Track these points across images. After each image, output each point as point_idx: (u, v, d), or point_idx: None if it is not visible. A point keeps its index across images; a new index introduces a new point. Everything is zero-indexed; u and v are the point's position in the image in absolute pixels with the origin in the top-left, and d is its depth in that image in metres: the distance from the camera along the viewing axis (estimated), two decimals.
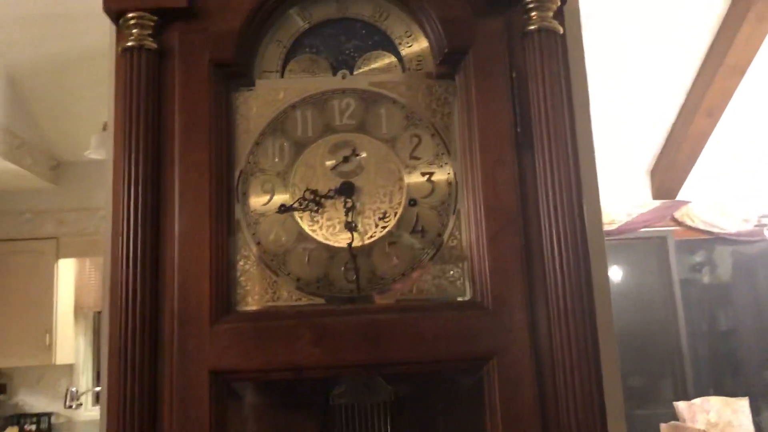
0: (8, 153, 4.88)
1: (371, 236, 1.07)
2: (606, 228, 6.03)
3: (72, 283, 5.85)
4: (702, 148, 5.86)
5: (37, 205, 5.72)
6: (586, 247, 1.03)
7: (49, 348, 5.43)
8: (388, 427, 1.17)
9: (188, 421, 0.97)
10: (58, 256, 5.60)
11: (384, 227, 1.08)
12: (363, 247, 1.07)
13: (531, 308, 1.02)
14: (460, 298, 1.06)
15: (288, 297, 1.06)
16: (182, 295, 1.01)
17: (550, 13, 1.08)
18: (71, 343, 5.77)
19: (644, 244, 6.58)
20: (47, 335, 5.42)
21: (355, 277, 1.06)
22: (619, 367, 1.37)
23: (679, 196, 6.36)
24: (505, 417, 0.98)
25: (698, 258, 6.74)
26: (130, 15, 1.07)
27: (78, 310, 5.91)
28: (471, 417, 1.12)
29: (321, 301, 1.06)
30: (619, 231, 6.09)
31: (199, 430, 0.97)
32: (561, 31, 1.09)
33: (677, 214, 6.38)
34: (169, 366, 0.99)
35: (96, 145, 4.01)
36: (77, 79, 4.70)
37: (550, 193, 1.03)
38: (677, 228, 6.45)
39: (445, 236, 1.08)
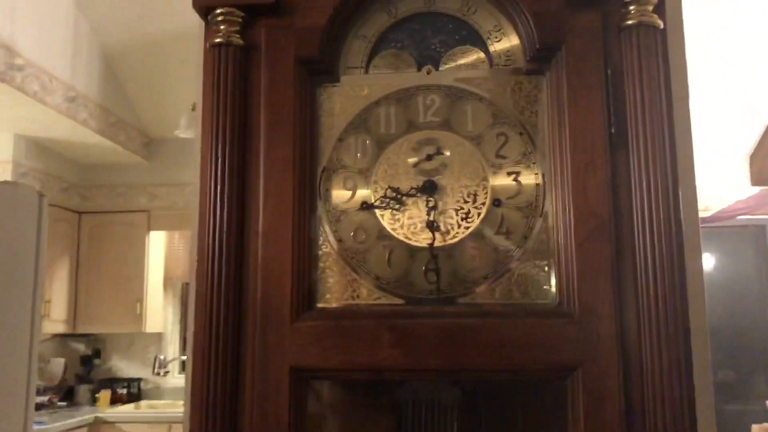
0: (104, 129, 5.10)
1: (454, 236, 1.05)
2: (701, 215, 5.77)
3: (162, 254, 6.09)
4: None
5: (130, 180, 5.96)
6: (682, 253, 0.98)
7: (140, 316, 5.68)
8: (455, 425, 1.16)
9: (267, 416, 0.99)
10: (149, 229, 5.83)
11: (467, 227, 1.05)
12: (444, 248, 1.05)
13: (620, 317, 0.97)
14: (545, 304, 1.02)
15: (368, 296, 1.06)
16: (264, 290, 1.02)
17: (650, 7, 1.02)
18: (160, 312, 6.02)
19: (741, 233, 6.26)
20: (138, 304, 5.66)
21: (435, 278, 1.04)
22: (711, 375, 1.30)
23: None
24: (589, 430, 0.95)
25: None
26: (218, 11, 1.08)
27: (167, 280, 6.15)
28: (550, 426, 1.09)
29: (401, 301, 1.05)
30: (714, 218, 5.80)
31: (277, 425, 0.98)
32: (661, 25, 1.02)
33: None
34: (251, 361, 1.01)
35: (185, 125, 4.13)
36: (169, 58, 4.84)
37: (645, 197, 0.98)
38: None
39: (531, 239, 1.04)
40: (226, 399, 0.99)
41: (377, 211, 1.07)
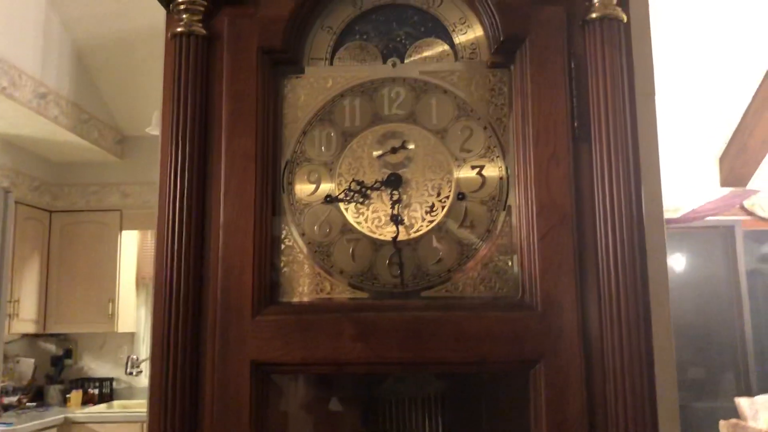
0: (76, 127, 5.03)
1: (417, 230, 1.05)
2: (671, 216, 5.84)
3: (134, 254, 6.02)
4: None
5: (103, 178, 5.88)
6: (644, 247, 0.98)
7: (112, 316, 5.61)
8: (440, 421, 1.15)
9: (228, 410, 0.97)
10: (121, 228, 5.76)
11: (431, 221, 1.05)
12: (409, 241, 1.04)
13: (582, 311, 0.97)
14: (508, 298, 1.02)
15: (331, 289, 1.05)
16: (225, 284, 1.00)
17: (614, 0, 1.02)
18: (133, 312, 5.95)
19: (711, 233, 6.34)
20: (110, 304, 5.60)
21: (399, 271, 1.04)
22: (675, 369, 1.31)
23: (750, 185, 6.09)
24: (551, 423, 0.95)
25: (767, 248, 6.47)
26: (180, 0, 1.06)
27: (139, 280, 6.08)
28: (518, 417, 1.08)
29: (365, 295, 1.04)
30: (685, 219, 5.87)
31: (238, 419, 0.97)
32: (624, 19, 1.03)
33: (747, 203, 6.12)
34: (212, 354, 0.99)
35: (157, 122, 4.08)
36: (142, 55, 4.79)
37: (607, 191, 0.98)
38: (746, 218, 6.19)
39: (495, 232, 1.04)
40: (185, 393, 0.98)
41: (341, 205, 1.06)
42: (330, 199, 1.06)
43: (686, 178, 5.94)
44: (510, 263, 1.03)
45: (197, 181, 1.02)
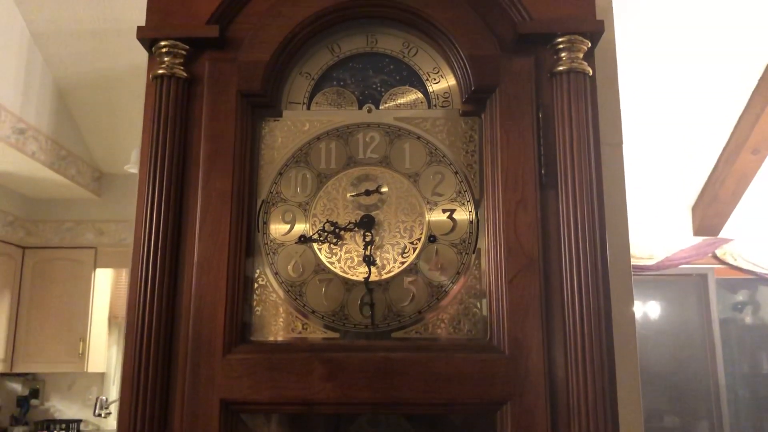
0: (54, 163, 5.01)
1: (389, 271, 1.07)
2: (645, 263, 5.92)
3: (108, 292, 5.95)
4: (747, 185, 5.72)
5: (78, 215, 5.84)
6: (608, 293, 1.01)
7: (82, 355, 5.51)
8: None
9: None
10: (95, 266, 5.70)
11: (403, 262, 1.07)
12: (380, 282, 1.06)
13: (548, 354, 0.99)
14: (476, 340, 1.04)
15: (302, 329, 1.06)
16: (197, 321, 1.01)
17: (581, 54, 1.07)
18: (104, 352, 5.85)
19: (684, 281, 6.42)
20: (81, 343, 5.50)
21: (370, 312, 1.05)
22: (642, 415, 1.33)
23: (722, 234, 6.20)
24: None
25: (740, 297, 6.55)
26: (163, 43, 1.09)
27: (112, 319, 5.99)
28: None
29: (336, 335, 1.06)
30: (658, 267, 5.95)
31: None
32: (590, 72, 1.07)
33: (719, 252, 6.21)
34: (181, 392, 1.00)
35: (135, 160, 4.09)
36: (122, 94, 4.82)
37: (573, 236, 1.01)
38: (719, 266, 6.28)
39: (465, 275, 1.06)
40: (154, 429, 0.98)
41: (315, 245, 1.08)
42: (304, 239, 1.08)
43: (660, 226, 6.04)
44: (479, 305, 1.05)
45: (173, 219, 1.04)
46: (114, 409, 5.71)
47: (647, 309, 6.34)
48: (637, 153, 5.27)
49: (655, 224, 5.95)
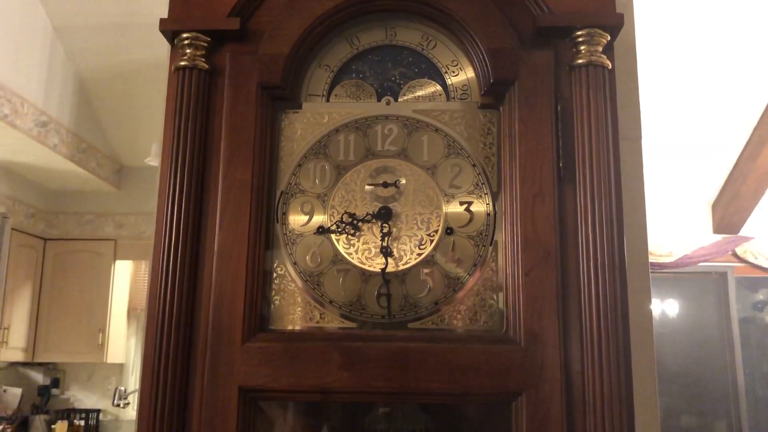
0: (74, 156, 5.07)
1: (406, 262, 1.07)
2: (663, 260, 5.87)
3: (127, 284, 6.02)
4: None
5: (99, 207, 5.91)
6: (625, 287, 1.01)
7: (102, 346, 5.58)
8: None
9: None
10: (115, 258, 5.76)
11: (420, 254, 1.07)
12: (397, 273, 1.07)
13: (564, 346, 1.00)
14: (492, 331, 1.04)
15: (320, 318, 1.07)
16: (217, 310, 1.03)
17: (600, 48, 1.07)
18: (123, 343, 5.92)
19: (703, 280, 6.37)
20: (100, 334, 5.57)
21: (387, 303, 1.06)
22: (658, 412, 1.32)
23: (742, 232, 6.14)
24: None
25: (761, 296, 6.48)
26: (185, 35, 1.10)
27: (131, 311, 6.06)
28: None
29: (353, 324, 1.07)
30: (677, 264, 5.91)
31: None
32: (609, 66, 1.07)
33: (739, 250, 6.15)
34: (201, 379, 1.01)
35: (156, 153, 4.13)
36: (143, 87, 4.86)
37: (590, 230, 1.02)
38: (739, 264, 6.23)
39: (481, 267, 1.07)
40: (174, 418, 0.99)
41: (333, 236, 1.09)
42: (322, 230, 1.09)
43: (680, 223, 6.00)
44: (495, 298, 1.05)
45: (194, 208, 1.05)
46: (132, 399, 5.78)
47: (665, 307, 6.30)
48: (657, 149, 5.23)
49: (674, 221, 5.91)
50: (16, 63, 4.28)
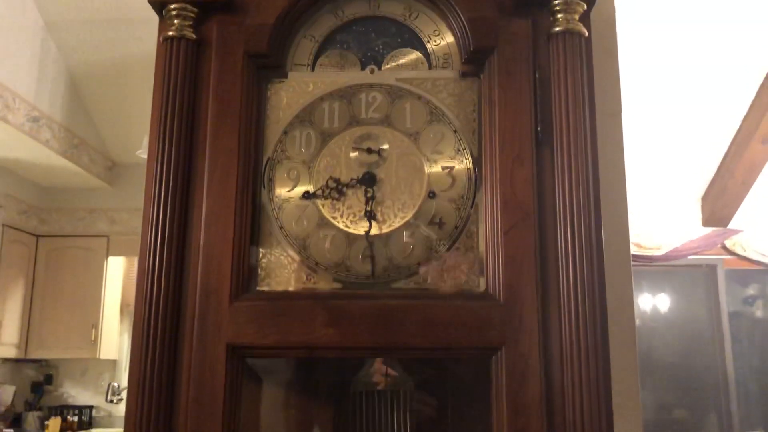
0: (67, 151, 5.09)
1: (389, 225, 1.10)
2: (653, 253, 5.92)
3: (120, 280, 6.03)
4: (756, 176, 5.72)
5: (91, 204, 5.92)
6: (601, 248, 1.04)
7: (95, 342, 5.59)
8: (407, 414, 1.20)
9: (204, 391, 1.02)
10: (108, 254, 5.78)
11: (403, 217, 1.11)
12: (381, 236, 1.10)
13: (542, 304, 1.03)
14: (473, 289, 1.08)
15: (306, 280, 1.10)
16: (205, 271, 1.05)
17: (576, 16, 1.10)
18: (115, 339, 5.93)
19: (693, 272, 6.42)
20: (93, 330, 5.59)
21: (371, 264, 1.09)
22: (638, 374, 1.36)
23: (731, 225, 6.20)
24: (511, 408, 1.00)
25: (751, 290, 6.54)
26: (173, 6, 1.13)
27: (124, 307, 6.07)
28: (479, 406, 1.13)
29: (338, 285, 1.10)
30: (666, 257, 5.96)
31: (213, 400, 1.01)
32: (586, 34, 1.11)
33: (728, 243, 6.21)
34: (190, 338, 1.04)
35: (146, 145, 4.15)
36: (135, 82, 4.87)
37: (567, 193, 1.05)
38: (728, 257, 6.28)
39: (463, 229, 1.10)
40: (163, 372, 1.02)
41: (318, 201, 1.12)
42: (308, 195, 1.12)
43: (669, 217, 6.05)
44: (476, 257, 1.09)
45: (182, 175, 1.08)
46: (125, 395, 5.79)
47: (656, 301, 6.35)
48: (646, 143, 5.28)
49: (663, 214, 5.96)
50: (8, 58, 4.30)
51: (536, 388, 1.00)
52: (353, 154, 1.13)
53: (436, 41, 1.17)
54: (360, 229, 1.10)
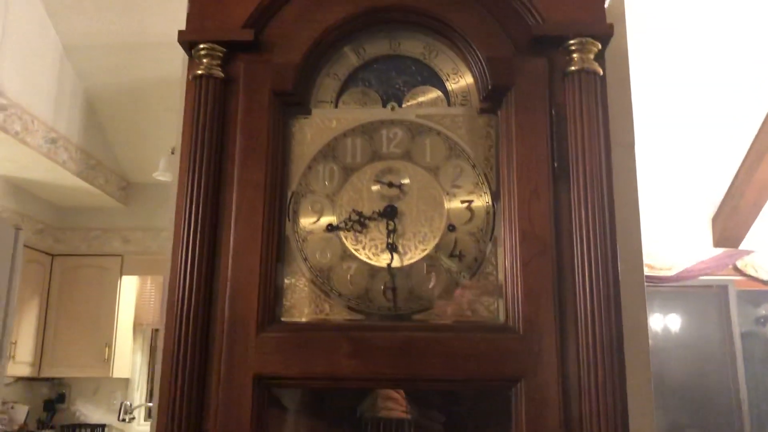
0: (82, 172, 5.16)
1: (411, 258, 1.14)
2: (664, 274, 5.92)
3: (133, 299, 6.08)
4: (767, 196, 5.72)
5: (105, 223, 5.99)
6: (617, 278, 1.07)
7: (107, 361, 5.63)
8: None
9: (231, 421, 1.05)
10: (121, 273, 5.84)
11: (423, 250, 1.14)
12: (402, 268, 1.14)
13: (560, 334, 1.06)
14: (492, 321, 1.11)
15: (330, 311, 1.13)
16: (233, 302, 1.09)
17: (591, 56, 1.14)
18: (128, 358, 5.97)
19: (704, 293, 6.40)
20: (106, 348, 5.62)
21: (392, 296, 1.12)
22: (653, 402, 1.38)
23: (743, 246, 6.19)
24: None
25: (763, 311, 6.51)
26: (202, 46, 1.18)
27: (137, 326, 6.12)
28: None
29: (361, 317, 1.13)
30: (677, 278, 5.95)
31: (239, 430, 1.04)
32: (600, 72, 1.14)
33: (740, 264, 6.19)
34: (217, 369, 1.07)
35: (164, 168, 4.21)
36: (150, 105, 4.96)
37: (584, 225, 1.08)
38: (739, 278, 6.26)
39: (482, 262, 1.13)
40: (192, 405, 1.05)
41: (341, 233, 1.16)
42: (331, 228, 1.16)
43: (679, 237, 6.05)
44: (495, 289, 1.12)
45: (211, 206, 1.12)
46: (138, 414, 5.81)
47: (668, 321, 6.33)
48: (656, 163, 5.31)
49: (674, 235, 5.96)
50: (27, 81, 4.38)
51: (555, 418, 1.03)
52: (375, 188, 1.17)
53: (455, 79, 1.21)
54: (382, 261, 1.14)
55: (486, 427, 1.26)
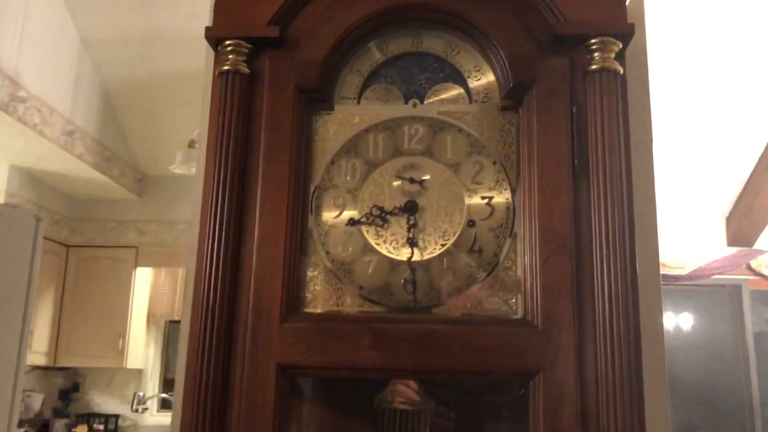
0: (99, 164, 5.21)
1: (431, 252, 1.16)
2: (677, 272, 5.90)
3: (147, 291, 6.14)
4: None
5: (120, 215, 6.05)
6: (635, 275, 1.09)
7: (122, 352, 5.69)
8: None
9: (254, 409, 1.07)
10: (136, 265, 5.89)
11: (443, 245, 1.16)
12: (422, 262, 1.16)
13: (578, 329, 1.07)
14: (511, 315, 1.12)
15: (351, 303, 1.15)
16: (257, 293, 1.11)
17: (612, 55, 1.15)
18: (142, 349, 6.03)
19: (717, 293, 6.38)
20: (120, 339, 5.68)
21: (413, 289, 1.14)
22: (668, 400, 1.39)
23: (757, 245, 6.16)
24: (548, 431, 1.04)
25: None
26: (228, 42, 1.20)
27: (151, 317, 6.17)
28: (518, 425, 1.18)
29: (381, 309, 1.15)
30: (690, 277, 5.94)
31: (263, 417, 1.07)
32: (621, 71, 1.15)
33: (753, 263, 6.17)
34: (241, 358, 1.10)
35: (180, 161, 4.25)
36: (167, 98, 5.00)
37: (603, 222, 1.10)
38: (753, 277, 6.24)
39: (501, 257, 1.15)
40: (216, 393, 1.08)
41: (363, 227, 1.18)
42: (353, 222, 1.18)
43: (693, 236, 6.04)
44: (514, 284, 1.13)
45: (236, 199, 1.14)
46: (151, 404, 5.87)
47: (680, 320, 6.32)
48: (671, 162, 5.29)
49: (688, 234, 5.95)
50: (46, 74, 4.43)
51: (572, 412, 1.04)
52: (396, 183, 1.19)
53: (476, 76, 1.23)
54: (402, 255, 1.16)
55: (495, 422, 1.28)
